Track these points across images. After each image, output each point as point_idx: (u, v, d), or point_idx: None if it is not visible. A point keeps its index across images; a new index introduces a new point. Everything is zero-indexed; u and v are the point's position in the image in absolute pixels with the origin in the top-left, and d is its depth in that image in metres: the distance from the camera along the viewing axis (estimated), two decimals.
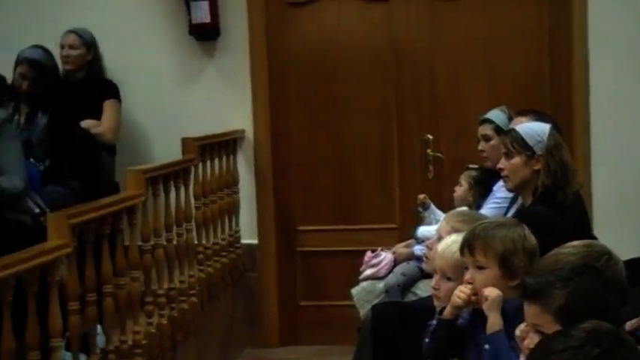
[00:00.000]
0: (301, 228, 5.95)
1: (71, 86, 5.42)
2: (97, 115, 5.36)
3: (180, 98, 5.90)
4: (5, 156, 4.08)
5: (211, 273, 5.24)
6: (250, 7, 5.79)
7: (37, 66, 4.89)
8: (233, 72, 5.85)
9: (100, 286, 3.89)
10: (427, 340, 3.07)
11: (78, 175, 4.81)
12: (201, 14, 5.69)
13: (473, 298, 2.88)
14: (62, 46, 5.46)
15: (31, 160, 4.72)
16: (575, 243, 2.39)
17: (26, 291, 3.25)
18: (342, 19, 5.85)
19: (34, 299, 3.26)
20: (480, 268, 2.88)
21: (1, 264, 3.07)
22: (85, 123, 5.19)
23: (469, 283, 2.89)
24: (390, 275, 4.46)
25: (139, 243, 4.35)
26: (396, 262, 4.53)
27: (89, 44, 5.50)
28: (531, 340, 2.23)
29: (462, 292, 2.90)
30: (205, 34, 5.78)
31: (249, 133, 5.87)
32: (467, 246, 2.91)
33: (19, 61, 5.15)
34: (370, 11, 5.82)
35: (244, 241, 5.84)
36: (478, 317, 2.91)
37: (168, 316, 4.58)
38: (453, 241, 3.10)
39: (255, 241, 5.87)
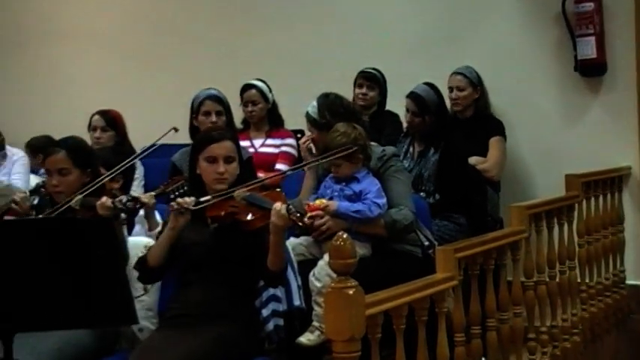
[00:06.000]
0: None
1: (460, 123, 5.60)
2: (484, 151, 5.48)
3: (564, 134, 5.86)
4: (395, 189, 4.17)
5: (594, 313, 5.12)
6: (639, 42, 5.62)
7: (418, 100, 5.11)
8: (619, 108, 5.70)
9: (484, 320, 3.95)
10: None
11: (464, 211, 4.92)
12: (588, 50, 5.62)
13: None
14: (451, 89, 5.64)
15: (421, 194, 4.92)
16: None
17: (416, 320, 3.39)
18: None
19: (424, 328, 3.39)
20: None
21: (394, 293, 3.21)
22: (473, 159, 5.31)
23: None
24: None
25: (522, 279, 4.36)
26: None
27: (475, 84, 5.65)
28: None
29: None
30: (591, 70, 5.70)
31: (636, 170, 5.69)
32: None
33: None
34: None
35: (629, 281, 5.64)
36: None
37: (550, 354, 4.55)
38: None
39: None
